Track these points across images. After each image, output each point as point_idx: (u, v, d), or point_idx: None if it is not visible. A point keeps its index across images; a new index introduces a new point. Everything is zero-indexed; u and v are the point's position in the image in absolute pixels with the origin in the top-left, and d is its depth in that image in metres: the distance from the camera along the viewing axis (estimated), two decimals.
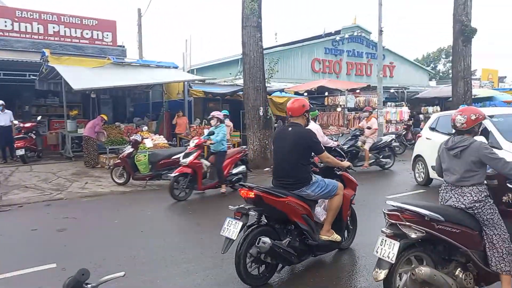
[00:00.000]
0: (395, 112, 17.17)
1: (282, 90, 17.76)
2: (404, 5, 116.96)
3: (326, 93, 18.05)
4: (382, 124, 13.89)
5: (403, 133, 15.42)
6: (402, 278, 3.23)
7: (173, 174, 7.64)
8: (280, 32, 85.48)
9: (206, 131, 12.77)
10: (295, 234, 3.98)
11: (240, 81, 15.72)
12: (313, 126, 8.62)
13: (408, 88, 21.84)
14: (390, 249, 3.08)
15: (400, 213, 3.16)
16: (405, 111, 17.49)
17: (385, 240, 3.14)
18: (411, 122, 17.87)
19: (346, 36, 24.93)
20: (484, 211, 3.23)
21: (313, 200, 4.14)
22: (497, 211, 3.29)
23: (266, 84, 12.50)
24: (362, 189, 8.64)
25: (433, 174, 7.95)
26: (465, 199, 3.27)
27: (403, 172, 10.64)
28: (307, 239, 3.99)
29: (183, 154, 7.97)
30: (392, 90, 20.54)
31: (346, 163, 4.58)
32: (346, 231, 4.71)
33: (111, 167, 9.71)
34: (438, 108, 19.63)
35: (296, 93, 17.74)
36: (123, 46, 18.25)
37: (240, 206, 3.88)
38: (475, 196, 3.24)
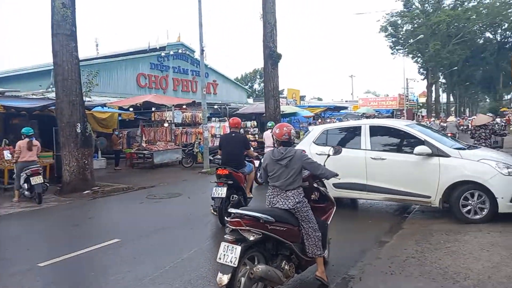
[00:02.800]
0: (219, 127, 18.27)
1: (104, 105, 16.59)
2: (225, 28, 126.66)
3: (154, 109, 17.79)
4: (207, 138, 14.56)
5: None
6: (241, 280, 3.46)
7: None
8: (101, 42, 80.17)
9: (6, 152, 10.79)
10: (240, 193, 6.77)
11: (53, 95, 13.93)
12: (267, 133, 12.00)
13: (230, 105, 23.64)
14: (232, 254, 3.31)
15: (240, 219, 3.44)
16: (227, 126, 18.77)
17: (227, 246, 3.37)
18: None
19: (171, 52, 25.24)
20: (302, 209, 3.86)
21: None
22: (310, 208, 3.96)
23: (84, 98, 11.45)
24: (188, 202, 8.85)
25: (333, 192, 6.84)
26: (289, 202, 3.84)
27: None
28: (246, 196, 6.88)
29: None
30: (215, 106, 21.81)
31: (255, 153, 7.70)
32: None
33: None
34: (255, 122, 21.85)
35: (121, 108, 16.87)
36: None
37: (220, 179, 6.58)
38: (297, 198, 3.85)
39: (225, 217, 5.64)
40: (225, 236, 3.47)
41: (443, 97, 60.08)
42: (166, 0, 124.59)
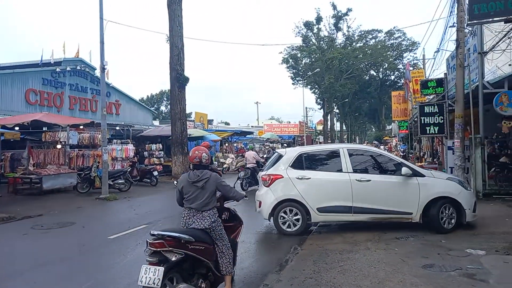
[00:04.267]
0: (120, 149, 17.28)
1: None
2: (131, 47, 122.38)
3: (45, 128, 16.11)
4: (107, 161, 13.60)
5: (129, 169, 15.64)
6: None
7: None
8: None
9: None
10: None
11: None
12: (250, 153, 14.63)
13: (133, 126, 22.62)
14: (155, 276, 3.35)
15: (163, 240, 3.53)
16: (130, 148, 17.89)
17: (149, 268, 3.40)
18: (136, 159, 18.42)
19: (68, 68, 23.35)
20: (217, 228, 4.05)
21: None
22: (223, 227, 4.15)
23: None
24: (82, 232, 8.09)
25: (317, 217, 7.12)
26: (205, 221, 3.98)
27: (126, 210, 10.68)
28: None
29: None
30: (118, 128, 20.65)
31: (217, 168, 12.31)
32: None
33: None
34: (161, 145, 21.23)
35: (4, 126, 14.90)
36: None
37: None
38: (212, 217, 4.02)
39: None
40: (147, 259, 3.49)
41: (337, 126, 66.27)
42: (64, 11, 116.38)
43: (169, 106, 55.12)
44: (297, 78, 51.22)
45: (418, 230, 6.92)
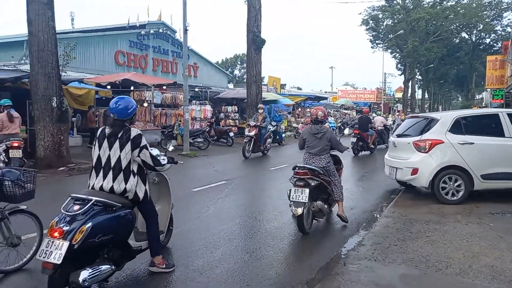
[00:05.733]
0: (199, 110, 17.99)
1: (81, 81, 15.99)
2: (207, 11, 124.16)
3: (132, 88, 17.29)
4: (188, 120, 14.31)
5: (207, 129, 16.31)
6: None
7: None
8: (77, 16, 76.53)
9: None
10: (364, 143, 14.70)
11: (27, 67, 13.27)
12: (378, 118, 17.74)
13: (211, 88, 23.30)
14: (302, 194, 4.91)
15: (307, 170, 5.11)
16: (208, 109, 18.54)
17: (297, 189, 4.96)
18: (213, 119, 19.09)
19: (152, 31, 24.49)
20: (330, 167, 5.60)
21: None
22: (334, 167, 5.66)
23: (60, 71, 10.94)
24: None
25: (481, 185, 6.72)
26: (322, 162, 5.51)
27: (206, 166, 11.22)
28: (368, 145, 14.87)
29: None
30: (196, 89, 21.44)
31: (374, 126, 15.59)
32: None
33: None
34: (236, 107, 21.69)
35: (98, 85, 16.29)
36: None
37: (355, 135, 14.30)
38: (327, 159, 5.57)
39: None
40: (296, 183, 5.04)
41: (419, 93, 61.61)
42: None
43: (242, 70, 55.65)
44: (376, 41, 48.13)
45: None
